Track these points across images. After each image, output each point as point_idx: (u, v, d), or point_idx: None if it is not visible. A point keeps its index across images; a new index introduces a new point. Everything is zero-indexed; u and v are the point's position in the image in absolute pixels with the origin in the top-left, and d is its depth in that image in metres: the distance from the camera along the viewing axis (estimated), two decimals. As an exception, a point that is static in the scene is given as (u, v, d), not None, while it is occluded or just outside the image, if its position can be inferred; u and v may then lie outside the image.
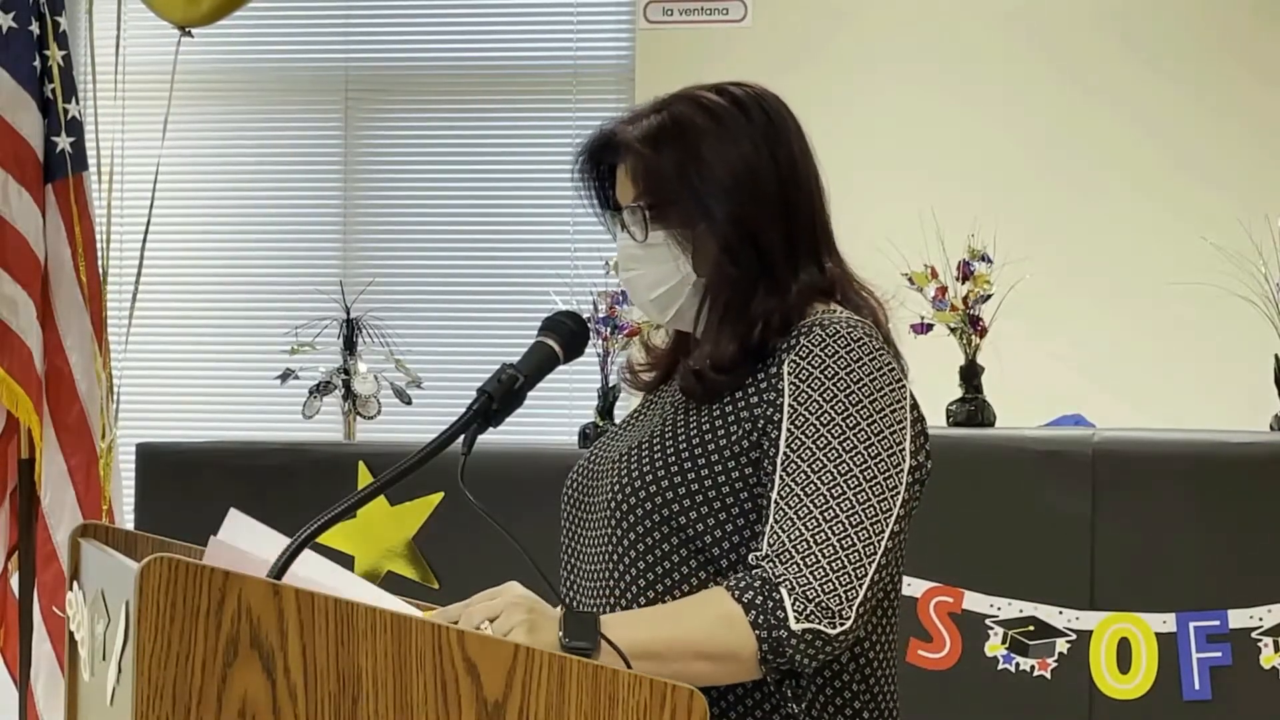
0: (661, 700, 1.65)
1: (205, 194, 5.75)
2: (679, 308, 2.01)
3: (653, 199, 1.98)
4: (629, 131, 1.99)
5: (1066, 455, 3.58)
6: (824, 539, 1.80)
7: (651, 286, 2.01)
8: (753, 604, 1.78)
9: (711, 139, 1.96)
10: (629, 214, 2.00)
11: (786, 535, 1.81)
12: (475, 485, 1.79)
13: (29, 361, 4.20)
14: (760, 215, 1.95)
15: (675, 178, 1.96)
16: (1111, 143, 5.21)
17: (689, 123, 1.98)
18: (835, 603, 1.78)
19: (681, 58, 5.31)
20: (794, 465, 1.84)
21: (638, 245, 2.00)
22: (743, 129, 1.98)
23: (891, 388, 1.89)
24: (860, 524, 1.82)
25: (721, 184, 1.95)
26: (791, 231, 1.97)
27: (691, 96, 2.01)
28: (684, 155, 1.96)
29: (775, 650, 1.78)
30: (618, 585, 1.93)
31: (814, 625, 1.77)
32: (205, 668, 1.54)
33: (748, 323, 1.94)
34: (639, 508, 1.91)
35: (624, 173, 2.01)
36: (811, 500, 1.82)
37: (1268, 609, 3.47)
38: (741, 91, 2.02)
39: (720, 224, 1.95)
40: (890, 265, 3.80)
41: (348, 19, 5.80)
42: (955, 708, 3.53)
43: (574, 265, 5.21)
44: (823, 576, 1.79)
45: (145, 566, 1.53)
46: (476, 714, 1.60)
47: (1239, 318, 4.01)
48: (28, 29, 4.25)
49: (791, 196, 1.98)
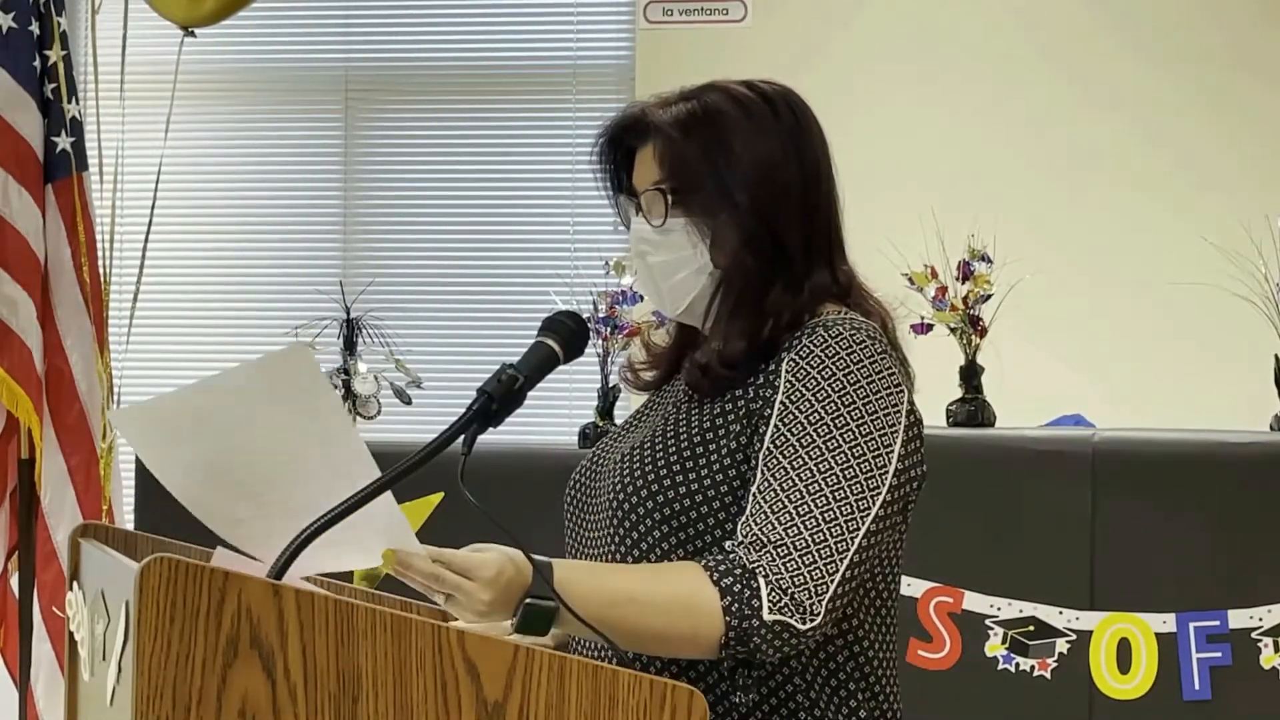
0: (661, 700, 1.65)
1: (205, 194, 5.75)
2: (693, 299, 2.00)
3: (677, 183, 1.97)
4: (660, 115, 1.99)
5: (1066, 455, 3.58)
6: (797, 532, 1.80)
7: (668, 274, 2.00)
8: (729, 589, 1.78)
9: (741, 130, 1.97)
10: (649, 197, 2.00)
11: (760, 525, 1.81)
12: (475, 485, 1.79)
13: (29, 361, 4.20)
14: (782, 211, 1.96)
15: (702, 164, 1.96)
16: (1112, 143, 5.21)
17: (720, 112, 1.98)
18: (806, 597, 1.78)
19: (681, 58, 5.31)
20: (775, 459, 1.84)
21: (654, 230, 1.99)
22: (771, 125, 1.98)
23: (887, 390, 1.89)
24: (835, 520, 1.82)
25: (747, 176, 1.95)
26: (810, 232, 1.98)
27: (723, 88, 2.01)
28: (713, 143, 1.96)
29: (741, 638, 1.78)
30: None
31: (784, 618, 1.78)
32: (205, 668, 1.54)
33: (760, 318, 1.94)
34: (640, 507, 1.91)
35: (648, 155, 2.00)
36: (788, 494, 1.82)
37: (1268, 609, 3.47)
38: (771, 89, 2.03)
39: (743, 214, 1.95)
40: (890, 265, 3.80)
41: (348, 19, 5.79)
42: (955, 708, 3.53)
43: (574, 265, 5.21)
44: (795, 569, 1.79)
45: (145, 566, 1.53)
46: (476, 714, 1.60)
47: (1239, 318, 4.00)
48: (28, 29, 4.25)
49: (812, 197, 1.99)
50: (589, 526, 2.01)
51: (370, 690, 1.58)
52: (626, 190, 2.05)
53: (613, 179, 2.07)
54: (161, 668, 1.53)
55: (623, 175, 2.06)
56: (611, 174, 2.07)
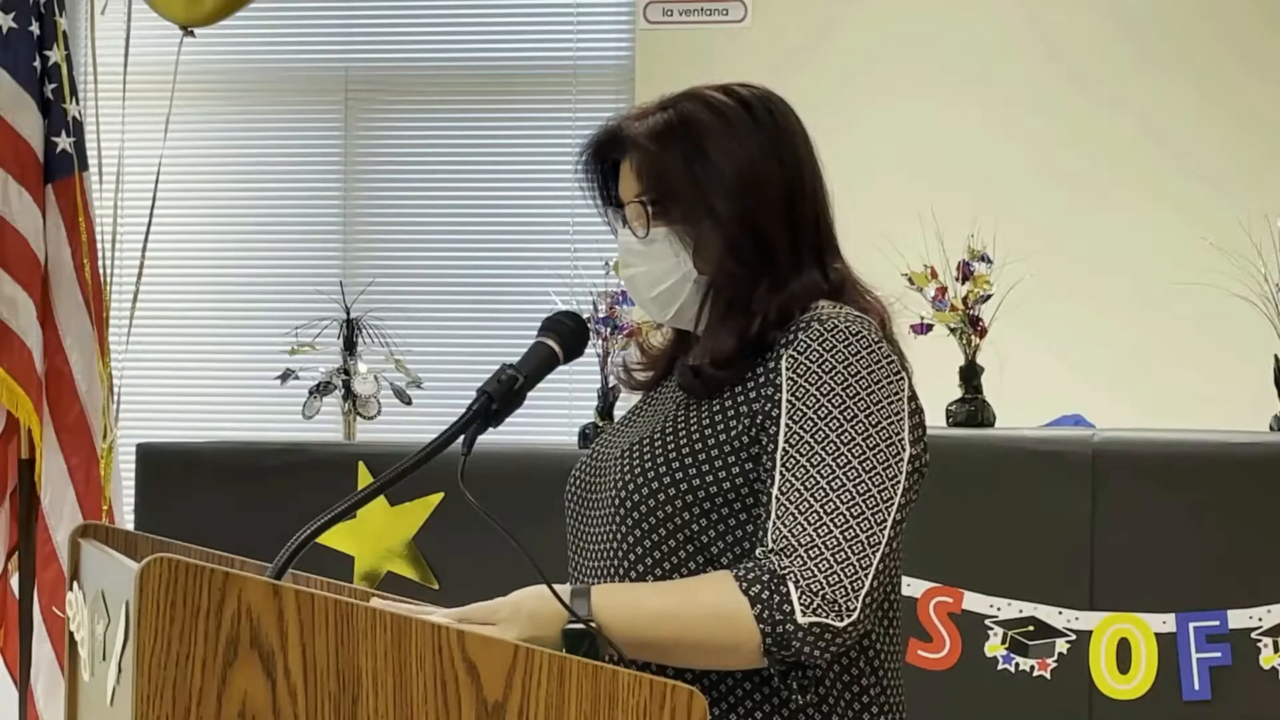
0: (661, 700, 1.65)
1: (206, 194, 5.75)
2: (680, 305, 2.01)
3: (656, 194, 1.98)
4: (635, 127, 2.00)
5: (1066, 455, 3.58)
6: (826, 532, 1.80)
7: (653, 284, 2.01)
8: (759, 598, 1.78)
9: (718, 137, 1.97)
10: (631, 210, 2.01)
11: (789, 529, 1.81)
12: (475, 485, 1.79)
13: (29, 361, 4.20)
14: (765, 215, 1.96)
15: (681, 174, 1.96)
16: (1111, 142, 5.21)
17: (696, 120, 1.98)
18: (841, 595, 1.78)
19: (681, 58, 5.31)
20: (793, 460, 1.84)
21: (639, 241, 2.00)
22: (749, 130, 1.98)
23: (889, 379, 1.89)
24: (862, 515, 1.82)
25: (727, 182, 1.95)
26: (795, 234, 1.97)
27: (699, 95, 2.01)
28: (690, 152, 1.96)
29: (780, 644, 1.78)
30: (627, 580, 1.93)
31: (820, 619, 1.78)
32: (205, 668, 1.54)
33: (748, 317, 1.94)
34: (641, 505, 1.91)
35: (628, 169, 2.01)
36: (812, 494, 1.82)
37: (1268, 609, 3.47)
38: (749, 93, 2.02)
39: (725, 221, 1.95)
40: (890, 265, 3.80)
41: (348, 19, 5.80)
42: (955, 708, 3.53)
43: (574, 265, 5.21)
44: (828, 569, 1.79)
45: (145, 566, 1.53)
46: (476, 714, 1.60)
47: (1239, 318, 4.00)
48: (28, 29, 4.25)
49: (796, 199, 1.98)
50: (591, 522, 2.01)
51: (370, 690, 1.58)
52: (615, 203, 2.06)
53: (601, 192, 2.07)
54: (161, 668, 1.53)
55: (611, 188, 2.06)
56: (600, 188, 2.07)
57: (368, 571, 3.86)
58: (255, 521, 3.69)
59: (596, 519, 1.99)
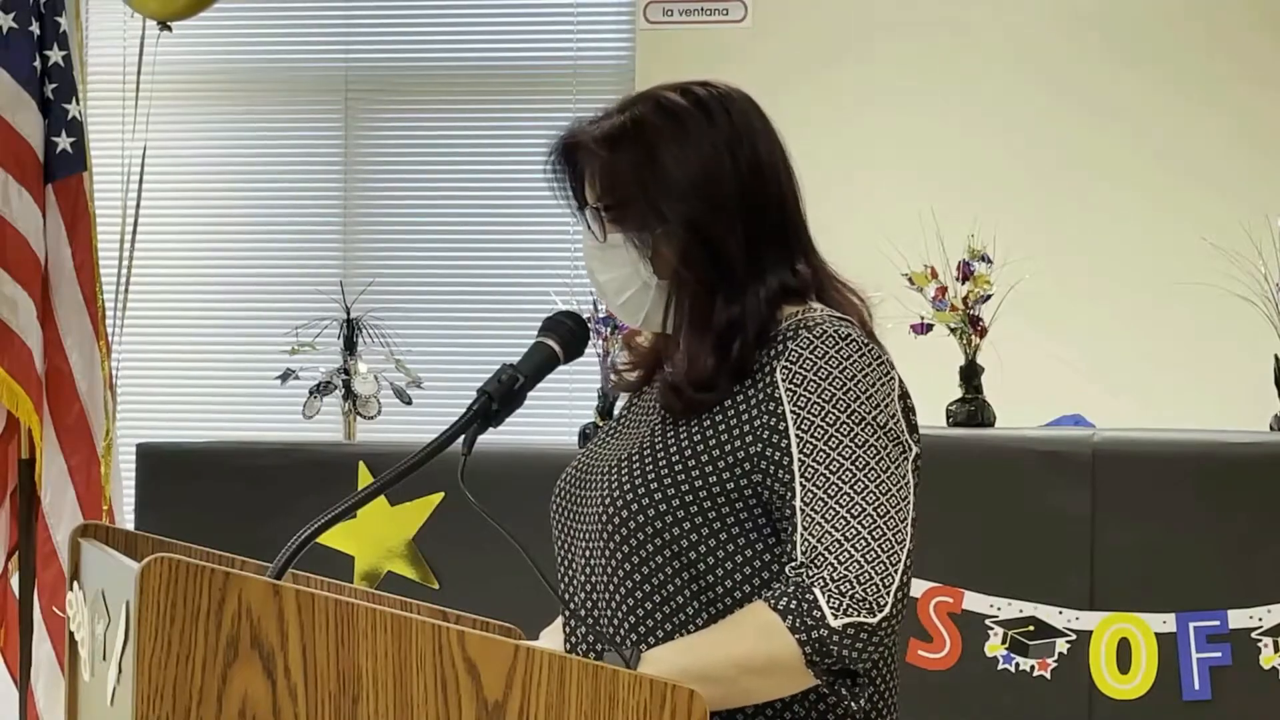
0: (661, 700, 1.65)
1: (205, 194, 5.75)
2: (646, 312, 1.99)
3: (610, 201, 1.96)
4: (589, 132, 1.97)
5: (1066, 455, 3.58)
6: (854, 535, 1.80)
7: (618, 291, 1.99)
8: (788, 610, 1.78)
9: (668, 141, 1.93)
10: (591, 214, 1.99)
11: (817, 539, 1.80)
12: (475, 485, 1.79)
13: (29, 361, 4.20)
14: (716, 220, 1.92)
15: (631, 180, 1.94)
16: (1111, 143, 5.22)
17: (647, 124, 1.95)
18: (871, 592, 1.78)
19: (681, 58, 5.31)
20: (812, 469, 1.83)
21: (599, 246, 1.99)
22: (703, 131, 1.94)
23: (884, 379, 1.89)
24: (887, 515, 1.82)
25: (676, 187, 1.92)
26: (754, 235, 1.94)
27: (654, 97, 1.98)
28: (639, 158, 1.93)
29: (820, 651, 1.77)
30: (614, 595, 1.93)
31: (853, 619, 1.77)
32: (205, 668, 1.54)
33: (716, 333, 1.92)
34: (630, 521, 1.90)
35: (587, 173, 2.00)
36: (836, 501, 1.82)
37: (1268, 609, 3.47)
38: (705, 92, 1.98)
39: (674, 228, 1.92)
40: (890, 265, 3.80)
41: (348, 19, 5.80)
42: (955, 708, 3.54)
43: (574, 265, 5.21)
44: (857, 570, 1.78)
45: (145, 566, 1.53)
46: (476, 714, 1.60)
47: (1239, 318, 4.00)
48: (28, 29, 4.25)
49: (754, 199, 1.94)
50: (578, 535, 1.99)
51: (370, 690, 1.58)
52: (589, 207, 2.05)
53: (575, 196, 2.05)
54: (162, 668, 1.53)
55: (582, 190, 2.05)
56: (573, 191, 2.04)
57: (368, 571, 3.86)
58: (255, 521, 3.70)
59: (585, 532, 1.98)
